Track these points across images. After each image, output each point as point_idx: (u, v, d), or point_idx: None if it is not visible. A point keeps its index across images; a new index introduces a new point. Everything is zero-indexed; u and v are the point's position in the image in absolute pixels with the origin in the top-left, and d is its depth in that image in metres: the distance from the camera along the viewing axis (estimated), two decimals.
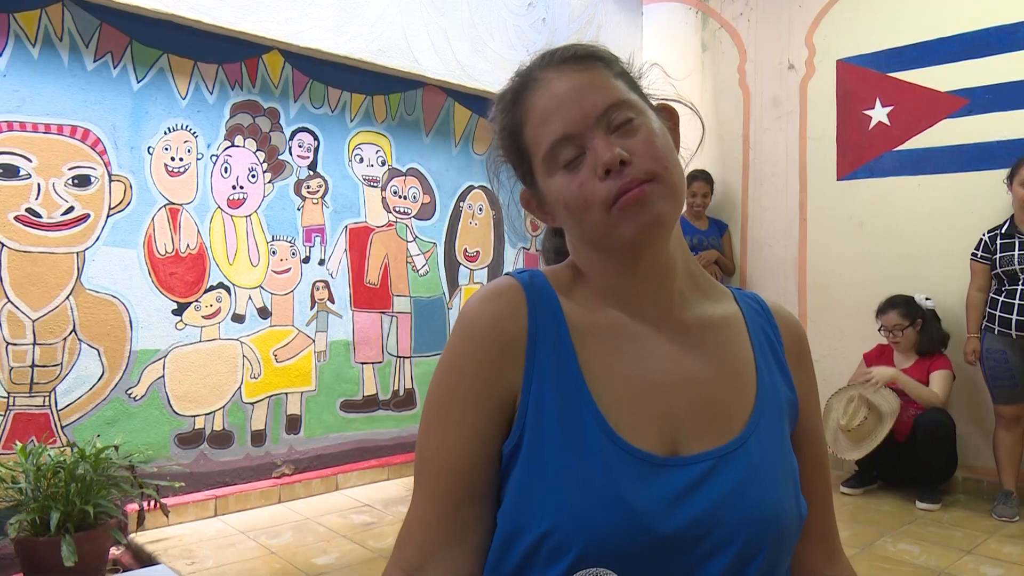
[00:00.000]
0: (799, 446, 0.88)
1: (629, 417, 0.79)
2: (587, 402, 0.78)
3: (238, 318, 3.45)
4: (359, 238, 3.90)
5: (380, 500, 3.58)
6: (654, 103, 0.87)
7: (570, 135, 0.78)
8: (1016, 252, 3.45)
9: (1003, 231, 3.54)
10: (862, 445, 3.68)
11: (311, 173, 3.71)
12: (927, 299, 3.89)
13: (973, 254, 3.65)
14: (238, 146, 3.45)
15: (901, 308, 3.84)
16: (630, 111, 0.79)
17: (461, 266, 4.35)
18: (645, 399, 0.80)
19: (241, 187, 3.46)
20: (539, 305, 0.82)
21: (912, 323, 3.81)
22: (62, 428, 2.94)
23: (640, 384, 0.81)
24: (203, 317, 3.34)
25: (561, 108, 0.79)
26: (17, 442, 2.74)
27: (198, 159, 3.33)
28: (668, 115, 0.88)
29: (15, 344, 2.84)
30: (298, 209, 3.66)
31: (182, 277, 3.28)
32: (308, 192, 3.70)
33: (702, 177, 4.61)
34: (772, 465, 0.81)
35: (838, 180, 4.44)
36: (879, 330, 3.92)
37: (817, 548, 0.90)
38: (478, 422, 0.79)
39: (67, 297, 2.96)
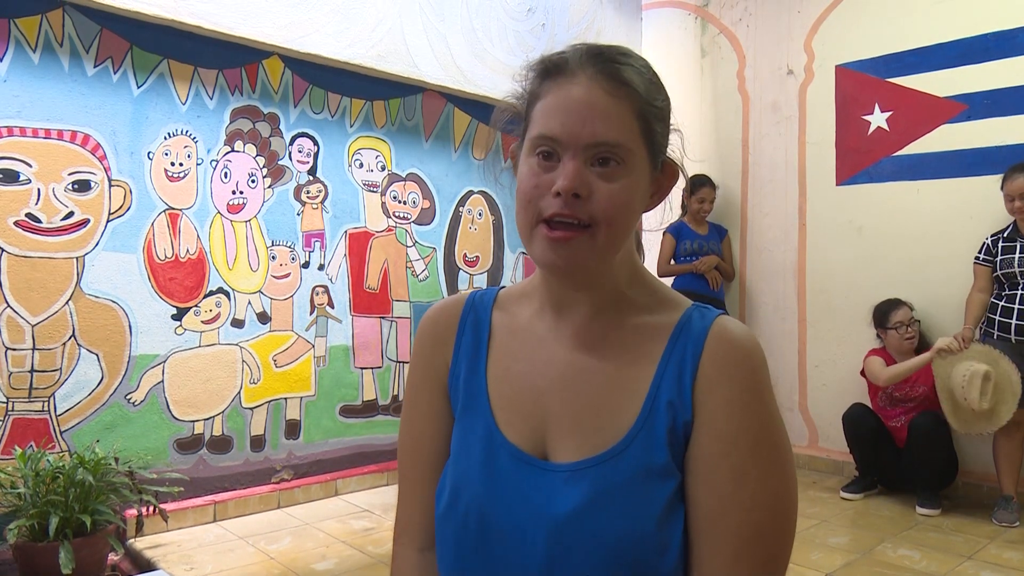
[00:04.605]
0: (692, 475, 0.79)
1: (509, 415, 0.87)
2: (482, 397, 0.89)
3: (237, 323, 3.45)
4: (359, 243, 3.90)
5: (379, 505, 3.57)
6: (663, 156, 0.86)
7: (557, 140, 0.80)
8: (1017, 255, 3.45)
9: (1005, 234, 3.55)
10: (997, 412, 3.40)
11: (311, 178, 3.71)
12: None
13: (976, 257, 3.65)
14: (238, 151, 3.45)
15: (908, 306, 3.85)
16: (620, 158, 0.79)
17: (461, 271, 4.35)
18: (523, 399, 0.87)
19: (241, 192, 3.46)
20: (471, 316, 0.94)
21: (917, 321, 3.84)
22: (61, 433, 2.93)
23: (523, 384, 0.87)
24: (202, 322, 3.34)
25: (568, 113, 0.79)
26: (16, 447, 2.74)
27: (198, 164, 3.33)
28: (667, 171, 0.87)
29: (14, 349, 2.84)
30: (298, 214, 3.66)
31: (181, 282, 3.28)
32: (308, 197, 3.70)
33: (709, 183, 4.62)
34: (626, 492, 0.78)
35: (837, 185, 4.44)
36: (891, 327, 3.85)
37: None
38: (429, 414, 0.93)
39: (67, 302, 2.96)
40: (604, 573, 0.76)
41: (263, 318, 3.53)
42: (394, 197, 4.04)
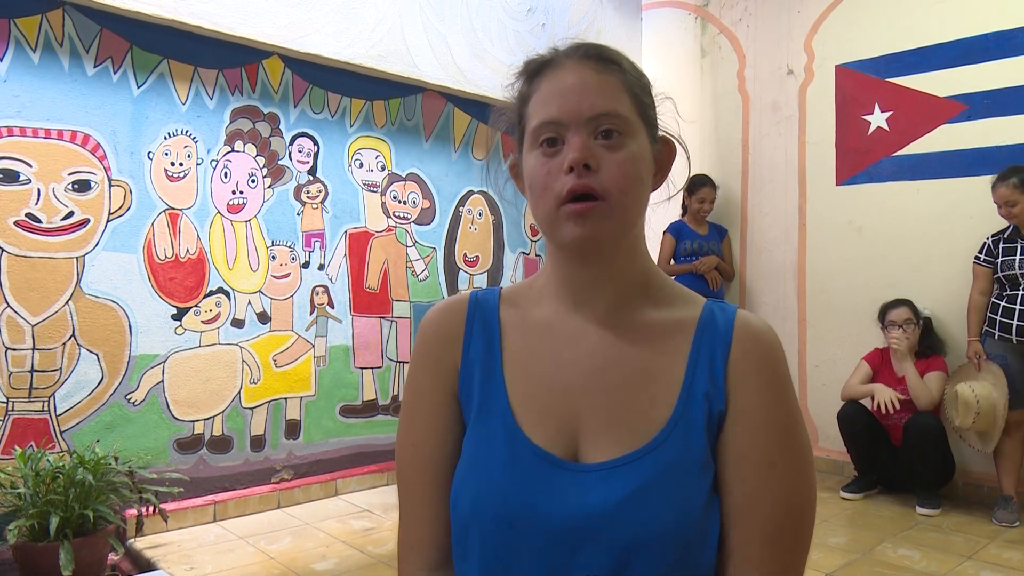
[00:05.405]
0: (725, 463, 0.81)
1: (533, 415, 0.84)
2: (501, 398, 0.86)
3: (237, 323, 3.45)
4: (359, 243, 3.90)
5: (379, 505, 3.57)
6: (659, 132, 0.89)
7: (558, 122, 0.82)
8: (1018, 256, 3.45)
9: (1006, 235, 3.54)
10: (990, 433, 3.52)
11: (311, 178, 3.71)
12: (924, 308, 3.92)
13: (976, 257, 3.64)
14: (238, 151, 3.45)
15: (910, 306, 3.86)
16: (620, 126, 0.82)
17: (461, 271, 4.35)
18: (551, 400, 0.84)
19: (241, 192, 3.46)
20: (478, 314, 0.91)
21: (917, 323, 3.83)
22: (61, 433, 2.93)
23: (550, 385, 0.85)
24: (202, 322, 3.34)
25: (563, 96, 0.82)
26: (16, 447, 2.74)
27: (198, 164, 3.33)
28: (665, 147, 0.90)
29: (14, 349, 2.84)
30: (298, 214, 3.66)
31: (182, 282, 3.28)
32: (308, 197, 3.70)
33: (709, 183, 4.62)
34: (670, 483, 0.78)
35: (837, 185, 4.44)
36: (886, 326, 3.87)
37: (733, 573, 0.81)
38: (438, 422, 0.89)
39: (67, 302, 2.96)
40: (647, 569, 0.75)
41: (263, 318, 3.53)
42: (394, 197, 4.04)
